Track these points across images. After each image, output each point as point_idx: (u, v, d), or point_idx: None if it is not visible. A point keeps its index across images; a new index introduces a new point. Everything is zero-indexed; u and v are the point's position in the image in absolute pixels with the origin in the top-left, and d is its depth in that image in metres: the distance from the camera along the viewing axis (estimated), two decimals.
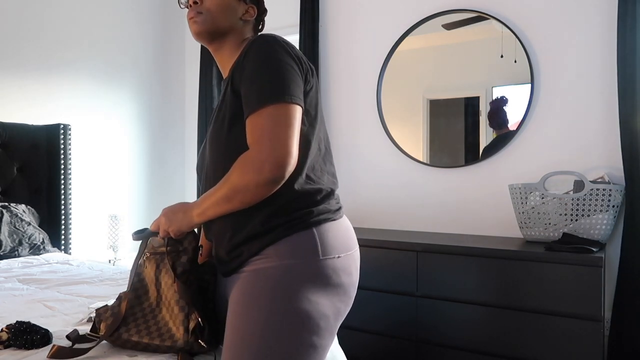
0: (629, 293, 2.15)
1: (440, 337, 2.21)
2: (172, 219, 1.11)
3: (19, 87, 2.85)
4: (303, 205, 1.06)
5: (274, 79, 1.01)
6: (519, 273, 2.04)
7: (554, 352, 1.97)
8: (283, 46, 1.05)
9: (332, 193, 1.13)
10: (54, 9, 3.00)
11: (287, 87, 1.00)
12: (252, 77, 1.02)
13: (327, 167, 1.15)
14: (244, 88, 1.03)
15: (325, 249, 1.06)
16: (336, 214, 1.11)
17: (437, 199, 2.74)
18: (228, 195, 1.01)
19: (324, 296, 1.05)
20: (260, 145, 0.97)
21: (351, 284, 1.11)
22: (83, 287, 1.89)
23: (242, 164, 0.99)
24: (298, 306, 1.01)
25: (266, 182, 0.97)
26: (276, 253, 1.04)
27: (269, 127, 0.97)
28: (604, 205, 2.10)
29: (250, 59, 1.04)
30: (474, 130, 2.65)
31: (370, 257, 2.38)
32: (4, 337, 1.20)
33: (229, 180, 1.00)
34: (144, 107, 3.56)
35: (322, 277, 1.04)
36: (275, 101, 0.98)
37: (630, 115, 2.16)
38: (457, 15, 2.67)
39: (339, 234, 1.10)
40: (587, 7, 2.36)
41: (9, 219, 2.50)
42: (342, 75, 3.07)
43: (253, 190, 0.98)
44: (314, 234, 1.06)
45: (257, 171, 0.96)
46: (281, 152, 0.96)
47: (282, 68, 1.02)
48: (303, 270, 1.03)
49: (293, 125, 0.99)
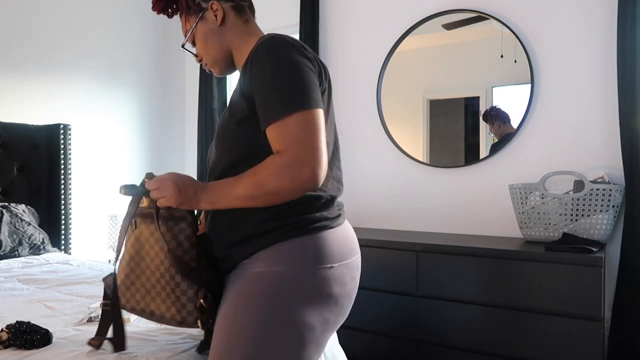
0: (629, 293, 2.15)
1: (440, 337, 2.21)
2: (182, 191, 1.02)
3: (19, 87, 2.84)
4: (301, 211, 1.03)
5: (295, 83, 0.98)
6: (519, 273, 2.04)
7: (554, 352, 1.97)
8: (296, 47, 1.02)
9: (333, 200, 1.11)
10: (54, 9, 3.00)
11: (310, 92, 0.98)
12: (270, 82, 0.98)
13: (333, 172, 1.12)
14: (260, 95, 1.00)
15: (317, 258, 1.02)
16: (334, 221, 1.08)
17: (437, 199, 2.74)
18: (253, 194, 0.98)
19: (312, 307, 1.01)
20: (296, 152, 0.94)
21: (344, 294, 1.07)
22: (83, 287, 1.89)
23: (278, 167, 0.95)
24: (283, 316, 0.99)
25: (302, 189, 0.96)
26: (267, 258, 1.02)
27: (300, 135, 0.95)
28: (604, 205, 2.10)
29: (261, 63, 1.00)
30: (474, 130, 2.65)
31: (370, 257, 2.38)
32: (4, 337, 1.20)
33: (258, 180, 0.97)
34: (144, 107, 3.55)
35: (311, 287, 1.01)
36: (301, 108, 0.96)
37: (630, 115, 2.16)
38: (457, 15, 2.67)
39: (335, 242, 1.06)
40: (587, 7, 2.36)
41: (9, 219, 2.49)
42: (342, 75, 3.07)
43: (285, 194, 0.96)
44: (307, 241, 1.02)
45: (295, 178, 0.94)
46: (317, 159, 0.95)
47: (301, 71, 0.99)
48: (292, 278, 1.00)
49: (321, 131, 0.97)
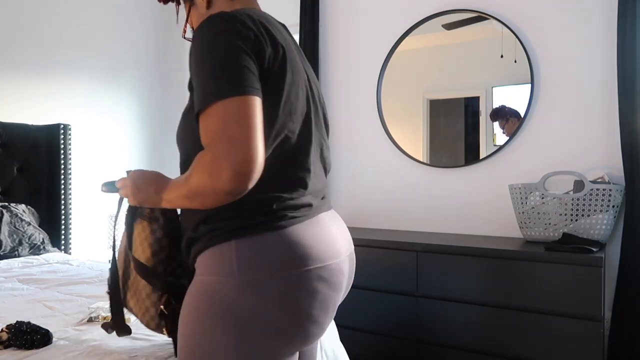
0: (629, 293, 2.15)
1: (440, 337, 2.21)
2: (141, 189, 0.96)
3: (19, 87, 2.84)
4: (236, 214, 0.89)
5: (218, 69, 0.83)
6: (519, 273, 2.04)
7: (554, 352, 1.97)
8: (231, 25, 0.86)
9: (278, 199, 0.92)
10: (53, 9, 3.00)
11: (235, 77, 0.83)
12: (195, 69, 0.87)
13: (283, 170, 0.94)
14: (194, 82, 0.88)
15: (241, 267, 0.86)
16: (273, 224, 0.89)
17: (437, 199, 2.74)
18: (188, 195, 0.86)
19: (223, 327, 0.86)
20: (215, 148, 0.80)
21: (296, 314, 0.88)
22: (83, 287, 1.89)
23: (199, 166, 0.83)
24: (193, 334, 0.89)
25: (224, 191, 0.80)
26: (200, 265, 0.92)
27: (219, 128, 0.80)
28: (604, 205, 2.10)
29: (193, 47, 0.88)
30: (474, 130, 2.65)
31: (370, 257, 2.38)
32: (4, 337, 1.20)
33: (188, 179, 0.86)
34: (144, 107, 3.55)
35: (227, 303, 0.86)
36: (222, 96, 0.81)
37: (630, 115, 2.16)
38: (457, 15, 2.67)
39: (270, 249, 0.88)
40: (587, 7, 2.36)
41: (9, 219, 2.49)
42: (342, 75, 3.07)
43: (212, 196, 0.82)
44: (231, 247, 0.87)
45: (214, 177, 0.80)
46: (240, 157, 0.79)
47: (228, 54, 0.84)
48: (214, 291, 0.88)
49: (250, 121, 0.81)
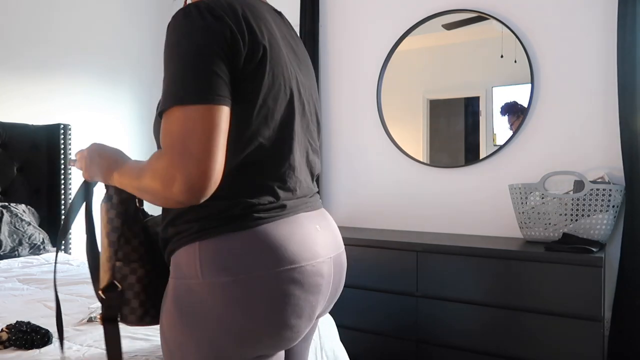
0: (629, 293, 2.15)
1: (440, 337, 2.21)
2: (94, 162, 0.94)
3: (19, 87, 2.84)
4: (200, 216, 0.84)
5: (187, 69, 0.77)
6: (519, 273, 2.04)
7: (554, 352, 1.97)
8: (206, 21, 0.78)
9: (247, 204, 0.86)
10: (53, 9, 3.00)
11: (202, 83, 0.76)
12: (166, 64, 0.80)
13: (252, 178, 0.88)
14: (164, 75, 0.82)
15: (204, 270, 0.81)
16: (238, 224, 0.83)
17: (437, 199, 2.74)
18: (139, 189, 0.83)
19: (189, 329, 0.84)
20: (171, 156, 0.75)
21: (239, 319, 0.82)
22: (83, 287, 1.89)
23: (153, 169, 0.78)
24: (164, 335, 0.88)
25: (174, 200, 0.76)
26: (172, 267, 0.88)
27: (178, 135, 0.75)
28: (604, 205, 2.10)
29: (166, 39, 0.82)
30: (474, 130, 2.65)
31: (370, 257, 2.38)
32: (4, 337, 1.20)
33: (140, 177, 0.81)
34: (144, 106, 3.55)
35: (191, 305, 0.83)
36: (186, 102, 0.75)
37: (630, 115, 2.16)
38: (457, 15, 2.67)
39: (234, 250, 0.82)
40: (587, 7, 2.36)
41: (9, 219, 2.49)
42: (342, 75, 3.07)
43: (162, 200, 0.78)
44: (195, 250, 0.83)
45: (166, 186, 0.75)
46: (194, 172, 0.74)
47: (198, 57, 0.77)
48: (179, 294, 0.85)
49: (210, 134, 0.75)
